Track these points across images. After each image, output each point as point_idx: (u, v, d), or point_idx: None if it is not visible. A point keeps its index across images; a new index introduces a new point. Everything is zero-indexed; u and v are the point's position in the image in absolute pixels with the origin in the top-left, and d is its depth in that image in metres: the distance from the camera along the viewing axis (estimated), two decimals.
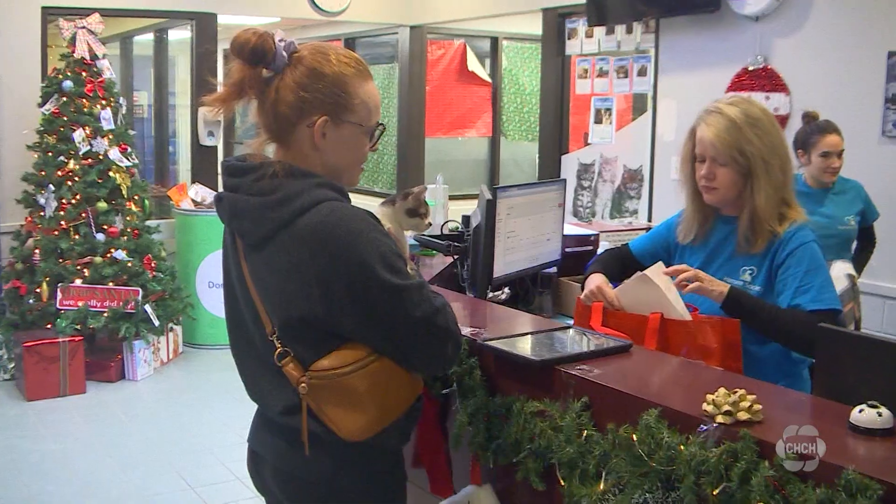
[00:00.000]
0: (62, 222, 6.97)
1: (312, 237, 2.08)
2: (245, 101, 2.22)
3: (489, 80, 11.04)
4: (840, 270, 3.85)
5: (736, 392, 1.95)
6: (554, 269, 3.95)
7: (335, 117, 2.19)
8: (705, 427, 1.91)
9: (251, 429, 2.44)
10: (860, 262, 5.24)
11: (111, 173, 7.12)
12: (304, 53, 2.20)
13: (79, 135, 7.02)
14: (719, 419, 1.91)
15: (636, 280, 2.94)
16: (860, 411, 1.89)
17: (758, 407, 1.93)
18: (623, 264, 3.30)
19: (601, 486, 2.09)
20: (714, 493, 1.83)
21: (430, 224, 3.60)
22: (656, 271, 2.92)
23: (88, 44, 7.17)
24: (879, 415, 1.87)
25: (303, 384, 2.14)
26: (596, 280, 3.08)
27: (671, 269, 2.90)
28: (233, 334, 2.37)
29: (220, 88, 2.23)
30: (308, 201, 2.12)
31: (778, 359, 2.86)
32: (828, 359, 2.28)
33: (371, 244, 2.09)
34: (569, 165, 8.05)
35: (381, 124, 2.30)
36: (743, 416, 1.91)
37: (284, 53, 2.18)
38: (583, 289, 3.15)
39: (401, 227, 3.62)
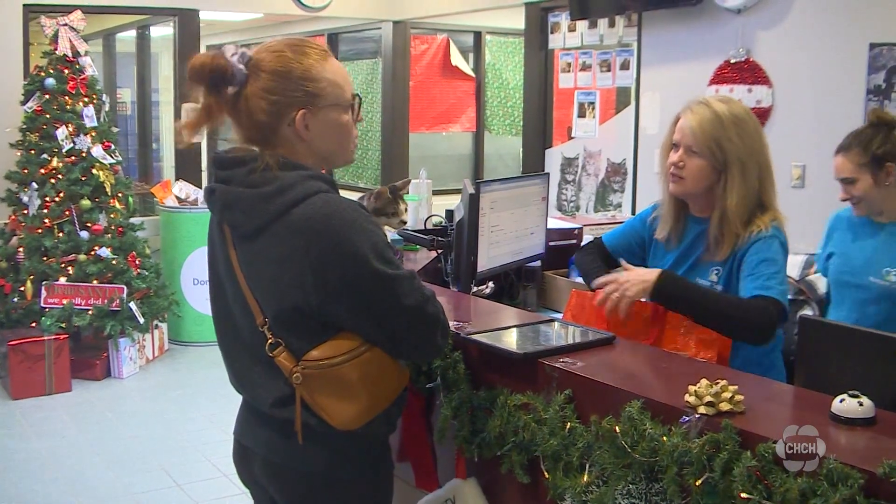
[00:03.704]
0: (46, 220, 6.94)
1: (307, 228, 2.11)
2: (219, 120, 2.23)
3: (473, 74, 11.04)
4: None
5: (718, 383, 1.97)
6: (538, 263, 3.95)
7: (311, 107, 2.21)
8: (687, 418, 1.92)
9: (237, 422, 2.45)
10: None
11: (95, 171, 7.09)
12: (261, 57, 2.21)
13: (62, 132, 6.99)
14: (701, 410, 1.93)
15: None
16: (841, 401, 1.91)
17: (739, 398, 1.94)
18: (604, 261, 3.31)
19: (585, 478, 2.10)
20: (697, 483, 1.84)
21: (405, 222, 3.62)
22: None
23: (70, 41, 7.13)
24: (860, 404, 1.89)
25: (296, 374, 2.16)
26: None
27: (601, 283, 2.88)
28: (220, 327, 2.38)
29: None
30: (302, 192, 2.14)
31: (749, 348, 2.83)
32: (809, 349, 2.29)
33: (364, 235, 2.12)
34: (553, 159, 8.06)
35: (357, 95, 2.31)
36: (725, 406, 1.92)
37: (241, 66, 2.18)
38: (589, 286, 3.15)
39: None
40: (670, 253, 3.08)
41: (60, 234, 6.97)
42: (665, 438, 1.92)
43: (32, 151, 7.03)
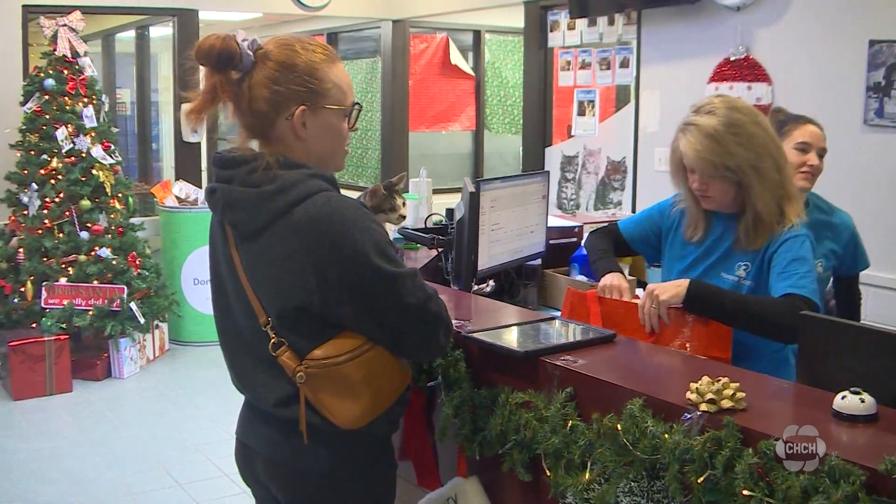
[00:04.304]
0: (46, 221, 6.95)
1: (309, 227, 2.11)
2: (221, 105, 2.23)
3: (472, 73, 11.03)
4: None
5: (719, 380, 1.96)
6: (538, 262, 3.95)
7: (312, 105, 2.21)
8: (689, 415, 1.92)
9: (239, 421, 2.45)
10: None
11: (94, 171, 7.09)
12: (270, 48, 2.22)
13: (61, 133, 6.99)
14: (703, 407, 1.92)
15: None
16: (843, 398, 1.90)
17: (741, 395, 1.94)
18: (616, 246, 3.32)
19: (586, 476, 2.10)
20: (698, 480, 1.84)
21: (404, 217, 3.61)
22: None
23: (70, 41, 7.13)
24: (862, 401, 1.88)
25: (300, 374, 2.16)
26: (614, 280, 3.08)
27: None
28: (222, 326, 2.38)
29: (202, 84, 2.25)
30: (303, 192, 2.14)
31: (763, 341, 2.82)
32: (811, 346, 2.29)
33: (365, 233, 2.12)
34: (552, 158, 8.05)
35: (358, 103, 2.32)
36: (726, 404, 1.92)
37: (250, 52, 2.19)
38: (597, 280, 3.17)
39: None
40: (692, 246, 3.07)
41: (60, 235, 6.98)
42: (667, 436, 1.92)
43: (32, 152, 7.04)
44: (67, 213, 6.99)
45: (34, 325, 6.83)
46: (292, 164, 2.19)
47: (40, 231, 6.95)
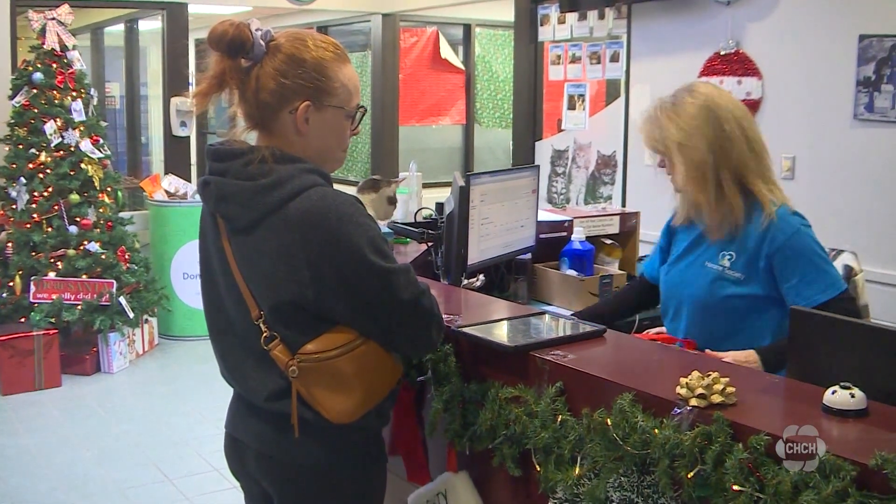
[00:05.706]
0: (34, 215, 6.92)
1: (303, 221, 2.11)
2: (226, 92, 2.23)
3: (462, 67, 11.03)
4: (839, 262, 3.78)
5: (709, 375, 1.96)
6: (528, 256, 3.95)
7: (317, 102, 2.21)
8: (679, 410, 1.92)
9: (228, 415, 2.45)
10: None
11: (83, 165, 7.07)
12: (282, 41, 2.22)
13: (50, 127, 6.96)
14: (693, 402, 1.92)
15: None
16: (833, 393, 1.90)
17: (731, 390, 1.94)
18: (640, 294, 3.37)
19: (577, 471, 2.10)
20: (689, 476, 1.83)
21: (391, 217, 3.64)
22: None
23: (58, 35, 7.10)
24: (852, 396, 1.88)
25: (292, 368, 2.16)
26: None
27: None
28: (212, 319, 2.38)
29: (192, 79, 2.25)
30: (298, 186, 2.14)
31: (767, 333, 2.83)
32: (801, 341, 2.29)
33: (360, 228, 2.13)
34: (543, 152, 8.05)
35: (362, 106, 2.33)
36: (716, 398, 1.92)
37: (262, 42, 2.19)
38: None
39: (377, 214, 3.63)
40: (685, 236, 3.10)
41: (49, 229, 6.95)
42: (657, 431, 1.91)
43: (20, 146, 7.01)
44: (56, 208, 6.96)
45: (23, 320, 6.81)
46: (288, 158, 2.19)
47: (29, 225, 6.92)
